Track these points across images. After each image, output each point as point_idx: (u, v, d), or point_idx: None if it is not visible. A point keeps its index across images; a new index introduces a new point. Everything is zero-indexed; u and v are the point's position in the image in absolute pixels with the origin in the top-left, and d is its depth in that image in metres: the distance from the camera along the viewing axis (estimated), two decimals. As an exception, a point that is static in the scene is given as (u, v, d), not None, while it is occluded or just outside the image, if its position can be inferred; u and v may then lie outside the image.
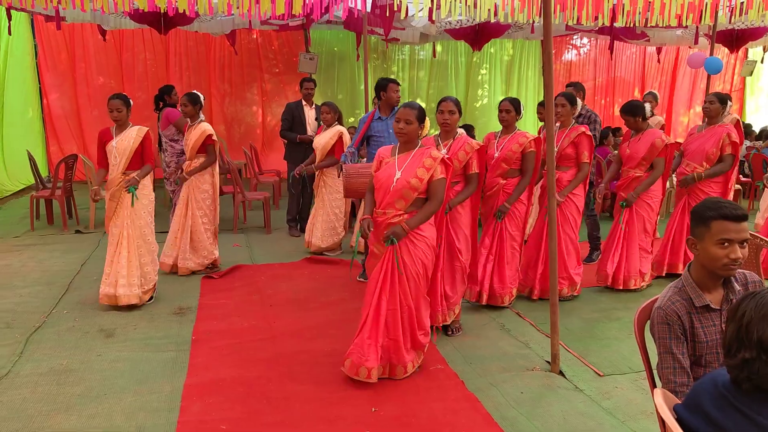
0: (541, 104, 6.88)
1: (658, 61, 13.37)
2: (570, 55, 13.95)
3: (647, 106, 5.66)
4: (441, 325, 4.43)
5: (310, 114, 7.57)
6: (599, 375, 3.89)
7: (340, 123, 6.87)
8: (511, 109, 4.92)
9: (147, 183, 5.16)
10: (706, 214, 2.16)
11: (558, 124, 5.28)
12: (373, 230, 3.77)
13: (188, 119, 6.08)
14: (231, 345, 4.34)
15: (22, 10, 8.15)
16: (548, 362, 4.01)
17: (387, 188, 3.73)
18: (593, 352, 4.25)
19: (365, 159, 6.00)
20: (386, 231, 3.68)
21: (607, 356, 4.17)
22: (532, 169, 4.92)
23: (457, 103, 4.42)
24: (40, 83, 11.14)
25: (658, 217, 5.69)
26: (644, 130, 5.46)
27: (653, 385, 2.36)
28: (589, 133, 5.22)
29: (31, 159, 8.47)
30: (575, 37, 13.05)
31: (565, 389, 3.71)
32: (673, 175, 6.23)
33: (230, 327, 4.68)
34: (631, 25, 8.58)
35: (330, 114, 6.72)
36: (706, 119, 5.78)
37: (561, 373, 3.90)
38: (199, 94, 6.10)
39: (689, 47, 12.26)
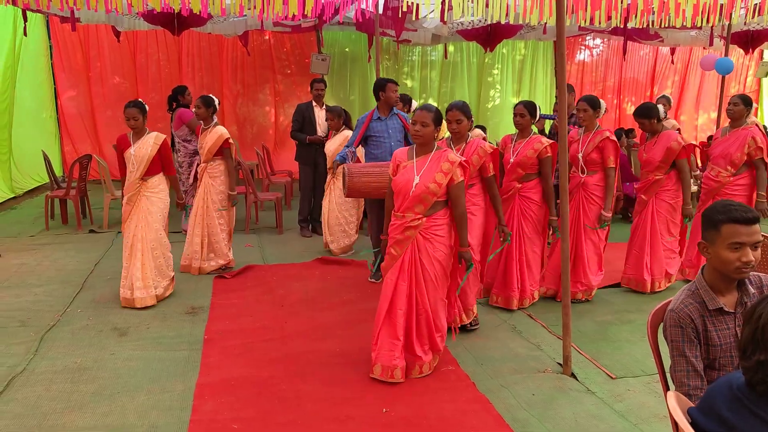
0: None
1: (672, 62, 13.27)
2: (583, 56, 13.88)
3: (660, 107, 5.61)
4: (459, 325, 4.45)
5: (320, 115, 7.59)
6: (611, 377, 3.87)
7: (348, 126, 6.88)
8: (525, 113, 4.93)
9: (164, 187, 5.25)
10: (716, 217, 2.15)
11: (582, 129, 5.31)
12: (391, 233, 3.84)
13: (201, 122, 6.13)
14: (243, 345, 4.36)
15: (38, 11, 8.23)
16: (560, 364, 4.00)
17: (406, 193, 3.75)
18: (605, 354, 4.23)
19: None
20: (463, 260, 3.85)
21: (619, 359, 4.15)
22: (550, 173, 4.94)
23: (463, 109, 4.39)
24: (54, 84, 11.24)
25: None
26: (659, 131, 5.42)
27: (666, 388, 2.35)
28: (614, 138, 5.19)
29: (46, 159, 8.55)
30: (588, 37, 12.98)
31: (576, 391, 3.69)
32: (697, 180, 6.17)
33: (242, 327, 4.70)
34: (645, 26, 8.53)
35: (335, 120, 6.78)
36: (729, 122, 5.69)
37: (573, 375, 3.89)
38: (213, 97, 6.15)
39: (703, 48, 12.17)
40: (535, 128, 5.44)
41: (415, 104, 7.35)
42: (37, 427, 3.24)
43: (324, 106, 7.65)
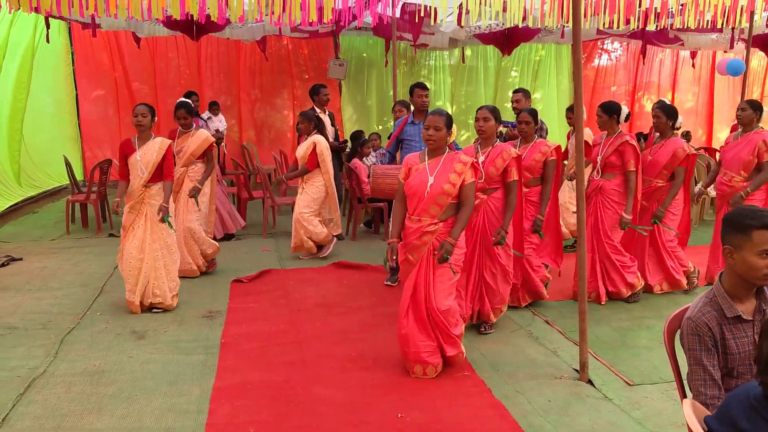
0: (569, 109, 6.85)
1: (693, 65, 13.14)
2: (601, 60, 13.79)
3: (680, 118, 5.57)
4: (478, 322, 4.63)
5: (326, 120, 7.59)
6: (629, 384, 3.84)
7: (320, 132, 6.77)
8: (530, 120, 5.01)
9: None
10: (746, 222, 2.10)
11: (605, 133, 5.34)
12: (406, 238, 3.89)
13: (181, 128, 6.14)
14: (259, 348, 4.38)
15: (60, 18, 8.38)
16: (576, 370, 3.97)
17: (421, 195, 3.81)
18: (623, 360, 4.19)
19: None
20: (437, 251, 3.80)
21: (637, 365, 4.11)
22: (553, 176, 5.03)
23: (493, 110, 4.52)
24: (76, 89, 11.41)
25: (683, 223, 5.62)
26: (617, 133, 5.27)
27: (683, 396, 2.33)
28: (633, 141, 5.17)
29: (68, 164, 8.67)
30: (606, 41, 12.90)
31: (593, 398, 3.66)
32: (711, 185, 6.11)
33: (258, 331, 4.73)
34: (664, 28, 8.46)
35: (306, 124, 6.70)
36: (740, 127, 5.67)
37: (590, 381, 3.86)
38: (190, 102, 6.21)
39: (725, 51, 12.03)
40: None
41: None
42: (56, 428, 3.29)
43: (327, 112, 7.65)
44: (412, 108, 6.71)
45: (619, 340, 4.59)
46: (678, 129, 5.63)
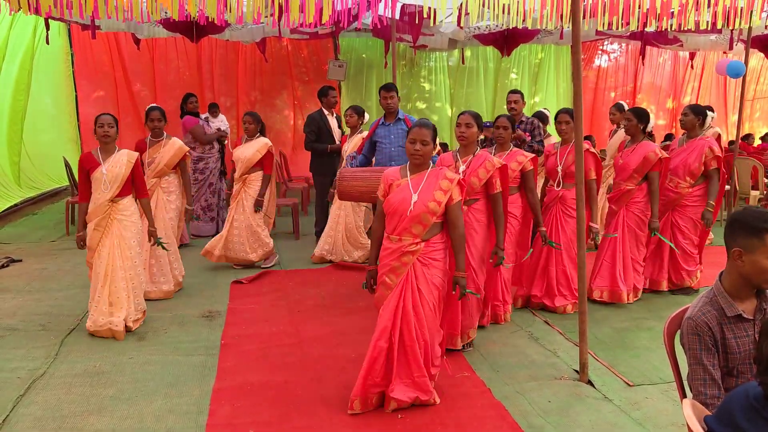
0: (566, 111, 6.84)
1: (691, 66, 13.15)
2: (600, 61, 13.80)
3: (710, 115, 5.55)
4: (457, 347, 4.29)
5: (333, 122, 7.50)
6: (629, 385, 3.84)
7: (263, 133, 6.54)
8: (508, 125, 4.79)
9: (135, 209, 4.79)
10: (760, 225, 2.08)
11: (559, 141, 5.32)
12: (383, 259, 3.56)
13: (150, 136, 5.81)
14: (259, 350, 4.38)
15: (60, 19, 8.39)
16: (577, 371, 3.97)
17: (403, 213, 3.47)
18: (623, 361, 4.19)
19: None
20: (458, 290, 3.54)
21: (637, 366, 4.12)
22: (534, 186, 4.78)
23: (476, 116, 4.24)
24: (75, 90, 11.41)
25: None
26: (573, 141, 5.23)
27: (683, 396, 2.33)
28: (593, 150, 5.13)
29: (67, 165, 8.67)
30: (606, 42, 12.92)
31: (593, 399, 3.67)
32: None
33: (258, 332, 4.73)
34: (663, 29, 8.46)
35: (252, 125, 6.39)
36: (684, 133, 5.70)
37: (590, 382, 3.86)
38: (158, 107, 5.90)
39: (724, 53, 12.05)
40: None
41: (367, 117, 7.21)
42: (56, 429, 3.29)
43: (334, 115, 7.58)
44: (366, 115, 6.80)
45: (619, 340, 4.60)
46: (650, 133, 5.64)
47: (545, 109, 8.01)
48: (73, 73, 11.35)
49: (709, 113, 5.63)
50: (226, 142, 8.47)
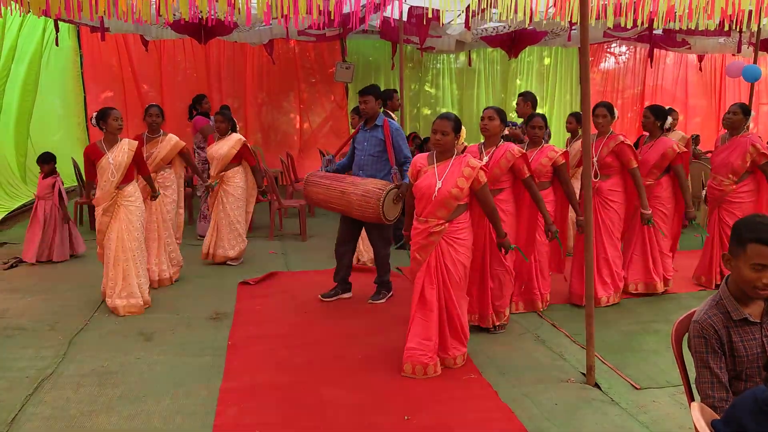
0: (572, 114, 6.85)
1: (700, 69, 13.10)
2: (608, 63, 13.76)
3: (669, 119, 5.64)
4: (491, 326, 4.65)
5: None
6: (636, 388, 3.83)
7: (234, 130, 6.60)
8: (543, 125, 5.04)
9: (138, 195, 5.25)
10: (743, 235, 2.09)
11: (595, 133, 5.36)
12: (414, 237, 4.00)
13: (147, 132, 5.95)
14: (266, 350, 4.39)
15: (70, 21, 8.43)
16: (583, 374, 3.97)
17: (429, 198, 3.87)
18: (630, 364, 4.18)
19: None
20: (502, 247, 4.10)
21: (644, 369, 4.10)
22: (568, 179, 5.03)
23: (499, 111, 4.54)
24: (84, 92, 11.47)
25: (674, 227, 5.67)
26: (609, 134, 5.29)
27: (691, 399, 2.32)
28: (628, 141, 5.21)
29: (75, 165, 8.72)
30: (613, 44, 12.88)
31: (600, 402, 3.66)
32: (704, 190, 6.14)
33: (266, 333, 4.74)
34: (671, 31, 8.44)
35: (224, 123, 6.49)
36: (727, 131, 5.75)
37: (596, 385, 3.85)
38: (157, 106, 6.00)
39: (732, 55, 12.00)
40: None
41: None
42: (65, 429, 3.31)
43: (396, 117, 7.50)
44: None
45: (626, 343, 4.59)
46: (671, 131, 5.69)
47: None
48: (81, 74, 11.40)
49: (670, 118, 5.70)
50: None
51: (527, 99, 6.55)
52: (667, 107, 6.13)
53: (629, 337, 4.72)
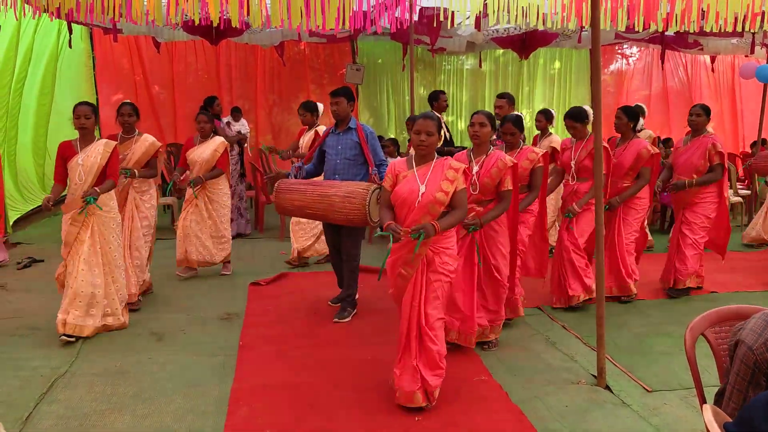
0: (541, 112, 6.86)
1: (712, 70, 13.02)
2: (619, 65, 13.70)
3: (641, 121, 5.65)
4: (479, 341, 4.38)
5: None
6: (647, 390, 3.82)
7: (216, 133, 6.38)
8: (515, 131, 4.74)
9: (113, 205, 4.73)
10: None
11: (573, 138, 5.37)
12: (396, 252, 3.58)
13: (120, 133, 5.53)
14: (277, 351, 4.41)
15: (83, 23, 8.50)
16: (594, 376, 3.96)
17: (411, 204, 3.54)
18: (642, 366, 4.17)
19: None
20: (414, 225, 3.47)
21: (656, 371, 4.09)
22: (540, 184, 4.77)
23: (489, 116, 4.26)
24: (96, 94, 11.55)
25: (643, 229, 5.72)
26: (587, 137, 5.25)
27: (703, 402, 2.31)
28: (606, 145, 5.18)
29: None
30: (624, 46, 12.82)
31: (611, 404, 3.65)
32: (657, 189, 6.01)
33: (277, 333, 4.76)
34: (684, 32, 8.39)
35: (209, 124, 6.20)
36: (690, 132, 5.77)
37: (608, 387, 3.84)
38: (132, 103, 5.62)
39: (745, 56, 11.92)
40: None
41: (321, 110, 7.07)
42: (78, 427, 3.34)
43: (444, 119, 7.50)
44: (320, 107, 6.66)
45: (638, 345, 4.57)
46: (640, 131, 5.68)
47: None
48: (94, 76, 11.49)
49: (641, 119, 5.71)
50: (245, 145, 8.57)
51: (511, 102, 6.30)
52: (634, 104, 6.04)
53: (640, 339, 4.70)
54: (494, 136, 5.44)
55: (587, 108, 5.35)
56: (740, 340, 2.08)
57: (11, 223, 7.90)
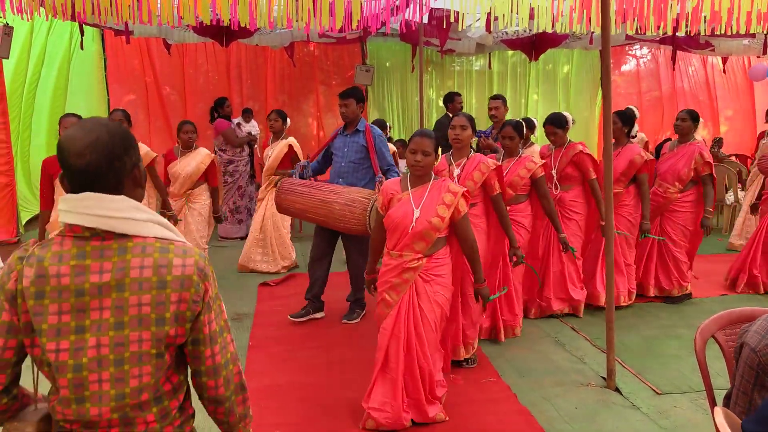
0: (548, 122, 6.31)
1: (723, 71, 12.94)
2: (629, 66, 13.64)
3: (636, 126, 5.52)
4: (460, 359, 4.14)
5: None
6: (657, 393, 3.80)
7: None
8: (514, 135, 4.65)
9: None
10: None
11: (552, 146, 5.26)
12: (383, 275, 3.41)
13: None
14: (286, 351, 4.43)
15: (95, 25, 8.57)
16: (604, 378, 3.95)
17: (404, 229, 3.31)
18: (651, 369, 4.15)
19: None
20: (480, 297, 3.50)
21: (665, 374, 4.07)
22: (547, 192, 4.65)
23: (470, 119, 4.08)
24: (108, 95, 11.64)
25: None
26: (567, 144, 5.15)
27: (713, 405, 2.31)
28: (588, 151, 5.08)
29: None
30: (635, 47, 12.77)
31: (620, 406, 3.64)
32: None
33: (286, 334, 4.78)
34: (695, 34, 8.35)
35: (195, 134, 5.87)
36: (678, 137, 5.61)
37: (617, 389, 3.84)
38: (124, 111, 5.53)
39: (757, 57, 11.84)
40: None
41: (289, 122, 6.83)
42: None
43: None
44: (288, 120, 6.47)
45: (647, 348, 4.55)
46: (635, 137, 5.57)
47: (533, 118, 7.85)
48: (105, 78, 11.58)
49: (636, 125, 5.59)
50: (255, 146, 8.62)
51: (506, 103, 6.20)
52: (625, 108, 5.88)
53: (650, 341, 4.68)
54: (491, 140, 5.40)
55: (567, 114, 5.27)
56: (744, 343, 2.06)
57: (23, 223, 7.97)
